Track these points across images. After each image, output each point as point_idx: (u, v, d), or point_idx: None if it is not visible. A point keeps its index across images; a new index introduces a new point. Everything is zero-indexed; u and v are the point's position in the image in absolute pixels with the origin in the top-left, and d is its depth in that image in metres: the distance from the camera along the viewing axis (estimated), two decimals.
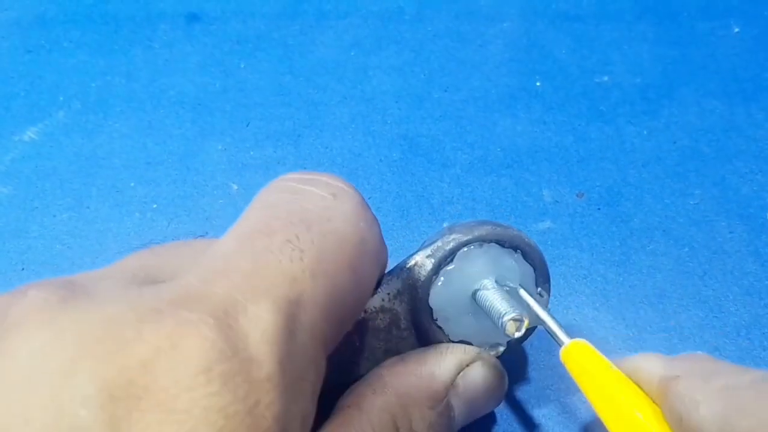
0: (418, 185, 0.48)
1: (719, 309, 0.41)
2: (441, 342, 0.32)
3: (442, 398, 0.30)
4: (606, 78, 0.54)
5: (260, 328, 0.20)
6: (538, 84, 0.54)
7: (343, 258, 0.24)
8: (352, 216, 0.25)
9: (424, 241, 0.34)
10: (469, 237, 0.32)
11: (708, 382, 0.25)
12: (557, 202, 0.46)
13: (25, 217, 0.48)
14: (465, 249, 0.32)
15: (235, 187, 0.49)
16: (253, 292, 0.21)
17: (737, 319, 0.41)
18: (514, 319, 0.30)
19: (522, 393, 0.38)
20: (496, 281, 0.32)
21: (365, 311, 0.31)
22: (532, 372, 0.39)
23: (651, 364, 0.28)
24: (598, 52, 0.55)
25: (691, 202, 0.46)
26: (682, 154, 0.49)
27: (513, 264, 0.33)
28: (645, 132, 0.50)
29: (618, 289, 0.42)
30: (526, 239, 0.33)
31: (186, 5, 0.60)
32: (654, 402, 0.27)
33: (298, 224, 0.24)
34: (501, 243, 0.32)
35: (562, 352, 0.31)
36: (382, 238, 0.28)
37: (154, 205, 0.48)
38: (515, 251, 0.33)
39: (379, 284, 0.32)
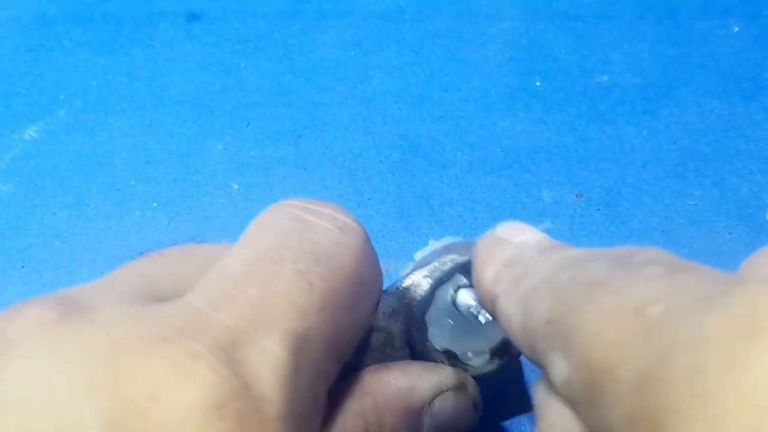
0: (418, 186, 0.48)
1: None
2: (434, 361, 0.32)
3: (416, 412, 0.30)
4: (606, 78, 0.54)
5: (271, 364, 0.20)
6: (538, 84, 0.54)
7: (347, 295, 0.24)
8: (358, 253, 0.25)
9: (420, 260, 0.34)
10: (466, 258, 0.32)
11: (515, 294, 0.25)
12: (557, 202, 0.47)
13: (25, 215, 0.48)
14: (462, 270, 0.32)
15: (236, 186, 0.49)
16: (262, 322, 0.21)
17: None
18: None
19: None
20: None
21: None
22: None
23: (484, 276, 0.28)
24: (598, 51, 0.55)
25: (691, 203, 0.46)
26: (681, 154, 0.49)
27: None
28: (645, 132, 0.50)
29: None
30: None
31: (187, 5, 0.60)
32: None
33: (309, 256, 0.23)
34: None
35: None
36: (380, 273, 0.28)
37: (155, 204, 0.48)
38: None
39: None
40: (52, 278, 0.45)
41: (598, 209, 0.46)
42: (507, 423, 0.38)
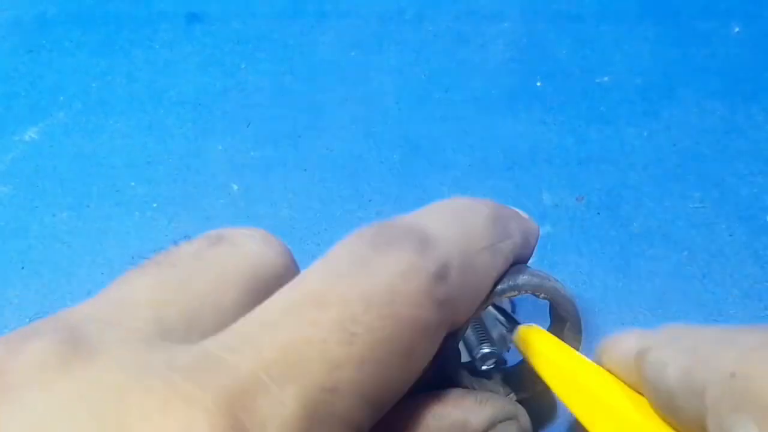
0: (419, 188, 0.48)
1: (719, 312, 0.42)
2: (464, 384, 0.32)
3: None
4: (606, 78, 0.54)
5: (280, 418, 0.19)
6: (538, 84, 0.54)
7: (398, 345, 0.22)
8: (418, 299, 0.23)
9: None
10: (504, 287, 0.31)
11: (676, 344, 0.23)
12: (557, 205, 0.46)
13: (25, 216, 0.48)
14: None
15: (236, 187, 0.49)
16: (282, 371, 0.19)
17: (737, 321, 0.41)
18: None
19: None
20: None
21: None
22: None
23: (626, 343, 0.26)
24: (599, 52, 0.55)
25: (691, 205, 0.46)
26: (682, 156, 0.49)
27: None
28: (645, 133, 0.50)
29: (618, 294, 0.42)
30: (562, 291, 0.32)
31: (186, 5, 0.60)
32: (634, 378, 0.26)
33: (357, 302, 0.21)
34: (536, 294, 0.31)
35: (516, 337, 0.31)
36: (448, 321, 0.25)
37: (155, 205, 0.48)
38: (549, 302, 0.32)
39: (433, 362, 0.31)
40: (51, 279, 0.45)
41: (598, 213, 0.46)
42: None
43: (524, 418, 0.31)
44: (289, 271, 0.26)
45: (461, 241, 0.26)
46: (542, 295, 0.31)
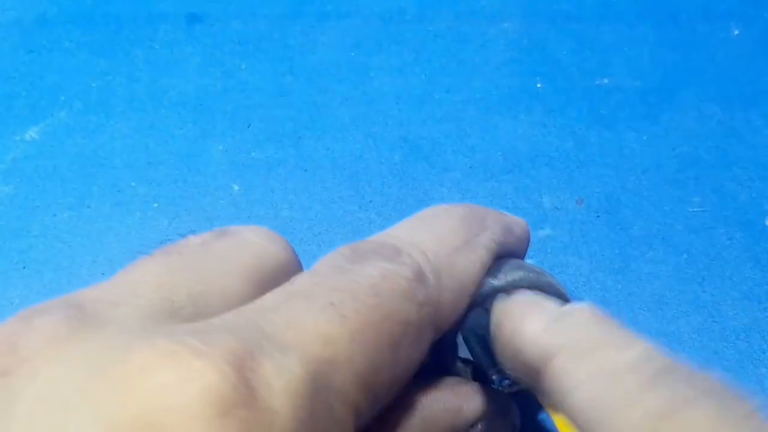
0: (419, 189, 0.48)
1: (718, 314, 0.42)
2: (460, 376, 0.32)
3: None
4: (606, 80, 0.54)
5: (285, 379, 0.19)
6: (538, 85, 0.54)
7: (385, 335, 0.23)
8: (399, 300, 0.24)
9: None
10: (500, 283, 0.31)
11: (583, 362, 0.23)
12: (557, 208, 0.47)
13: (26, 216, 0.48)
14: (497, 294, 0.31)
15: (236, 187, 0.49)
16: (283, 341, 0.20)
17: (736, 324, 0.41)
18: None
19: None
20: None
21: None
22: None
23: (533, 327, 0.26)
24: (599, 53, 0.55)
25: (690, 209, 0.46)
26: (681, 160, 0.49)
27: None
28: (645, 137, 0.50)
29: (617, 297, 0.43)
30: (559, 287, 0.32)
31: (187, 6, 0.60)
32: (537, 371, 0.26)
33: (344, 292, 0.23)
34: (532, 290, 0.31)
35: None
36: (430, 320, 0.26)
37: (155, 205, 0.48)
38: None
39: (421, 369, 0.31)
40: (52, 279, 0.45)
41: (598, 216, 0.46)
42: None
43: (515, 414, 0.32)
44: (291, 266, 0.27)
45: (434, 244, 0.27)
46: (538, 290, 0.31)
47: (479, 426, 0.30)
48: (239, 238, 0.26)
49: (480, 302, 0.30)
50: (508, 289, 0.30)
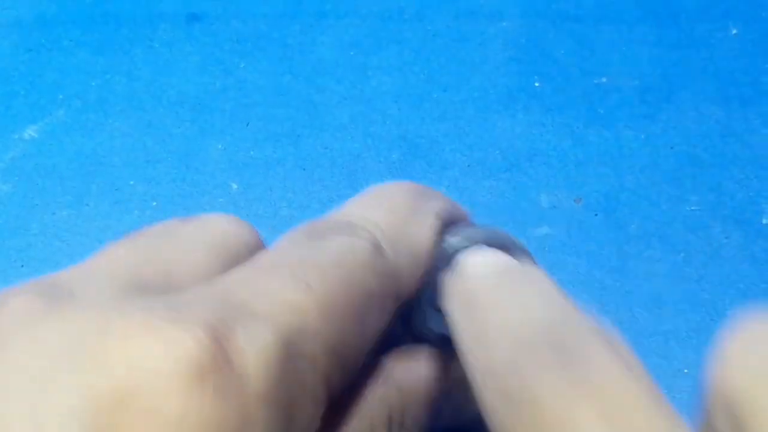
0: None
1: (716, 312, 0.42)
2: (429, 340, 0.32)
3: (438, 400, 0.30)
4: (605, 79, 0.54)
5: (258, 345, 0.19)
6: (537, 84, 0.54)
7: (351, 305, 0.23)
8: (361, 270, 0.24)
9: None
10: (456, 239, 0.31)
11: None
12: (555, 207, 0.47)
13: (25, 214, 0.48)
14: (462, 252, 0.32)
15: (235, 186, 0.49)
16: (252, 312, 0.20)
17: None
18: None
19: None
20: None
21: None
22: None
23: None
24: (598, 53, 0.55)
25: (688, 208, 0.46)
26: (678, 159, 0.49)
27: None
28: (643, 136, 0.50)
29: (615, 295, 0.43)
30: (517, 242, 0.32)
31: (186, 5, 0.60)
32: None
33: (308, 265, 0.23)
34: (489, 245, 0.32)
35: None
36: (394, 290, 0.26)
37: (154, 203, 0.48)
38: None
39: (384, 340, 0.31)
40: None
41: (596, 214, 0.46)
42: None
43: None
44: (257, 247, 0.28)
45: (385, 216, 0.27)
46: (498, 247, 0.32)
47: (459, 395, 0.29)
48: (203, 220, 0.26)
49: (440, 262, 0.31)
50: (468, 245, 0.31)
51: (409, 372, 0.28)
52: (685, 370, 0.40)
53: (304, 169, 0.50)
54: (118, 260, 0.24)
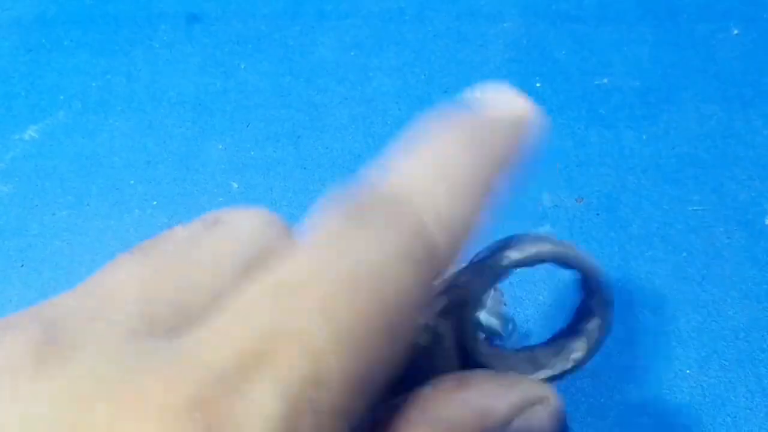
0: None
1: (717, 313, 0.42)
2: (487, 365, 0.28)
3: None
4: (606, 80, 0.54)
5: (257, 414, 0.18)
6: (538, 85, 0.54)
7: (384, 325, 0.20)
8: (406, 278, 0.21)
9: (474, 255, 0.30)
10: (525, 256, 0.28)
11: None
12: (557, 206, 0.47)
13: (25, 214, 0.48)
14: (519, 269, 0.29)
15: (236, 186, 0.49)
16: (258, 367, 0.18)
17: (735, 323, 0.41)
18: None
19: None
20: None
21: None
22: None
23: None
24: (598, 53, 0.55)
25: (690, 209, 0.46)
26: (680, 160, 0.49)
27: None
28: (644, 137, 0.50)
29: (617, 296, 0.42)
30: (589, 261, 0.28)
31: (187, 6, 0.60)
32: None
33: (340, 281, 0.20)
34: (559, 264, 0.27)
35: None
36: (431, 289, 0.23)
37: (154, 203, 0.48)
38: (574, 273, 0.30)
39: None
40: (51, 277, 0.45)
41: (598, 214, 0.46)
42: None
43: (555, 398, 0.27)
44: (286, 240, 0.25)
45: (449, 197, 0.23)
46: (566, 265, 0.27)
47: (515, 425, 0.26)
48: (232, 227, 0.23)
49: (493, 276, 0.27)
50: (530, 263, 0.27)
51: (457, 407, 0.25)
52: (687, 371, 0.40)
53: (304, 169, 0.50)
54: (126, 290, 0.21)
